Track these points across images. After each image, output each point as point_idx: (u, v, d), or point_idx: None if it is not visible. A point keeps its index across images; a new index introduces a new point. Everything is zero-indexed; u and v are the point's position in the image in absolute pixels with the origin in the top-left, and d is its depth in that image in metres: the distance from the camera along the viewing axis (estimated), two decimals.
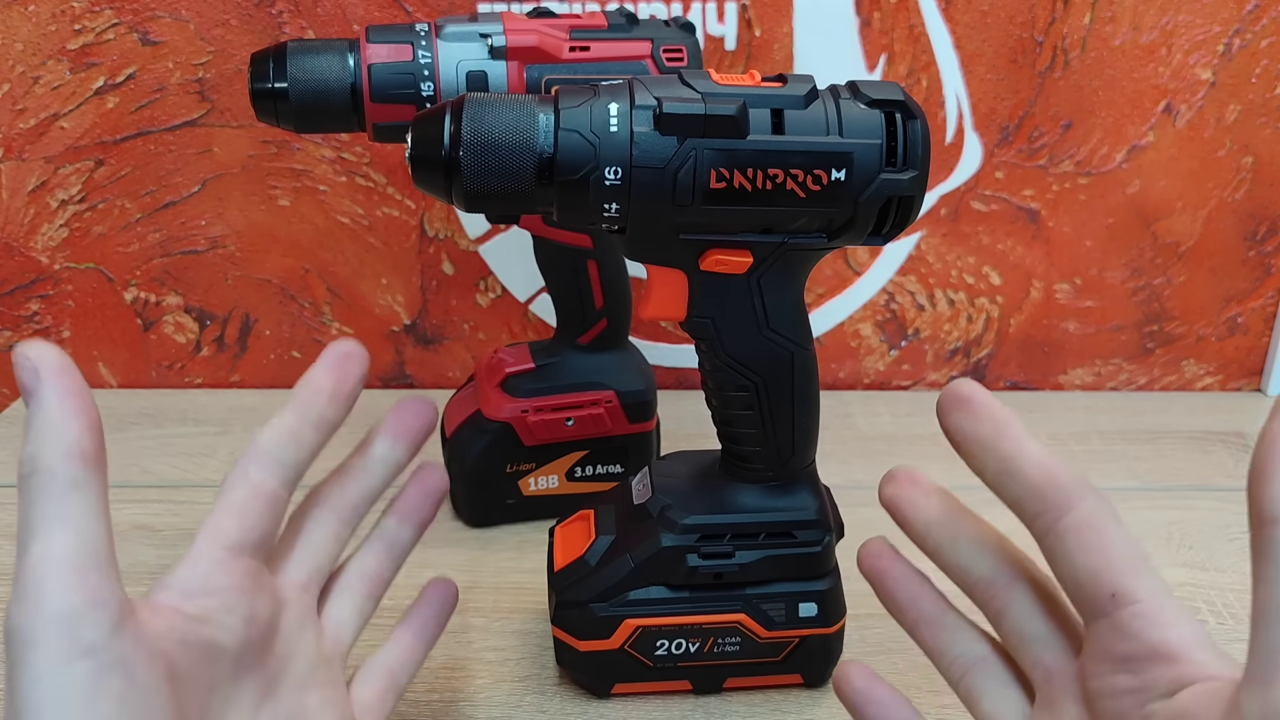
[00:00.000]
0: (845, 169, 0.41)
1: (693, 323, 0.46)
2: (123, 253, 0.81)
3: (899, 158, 0.42)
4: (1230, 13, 0.74)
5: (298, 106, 0.55)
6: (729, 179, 0.41)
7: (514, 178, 0.41)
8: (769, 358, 0.47)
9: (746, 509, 0.49)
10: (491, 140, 0.41)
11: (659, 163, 0.41)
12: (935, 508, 0.38)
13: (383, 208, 0.79)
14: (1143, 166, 0.78)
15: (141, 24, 0.74)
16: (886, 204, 0.42)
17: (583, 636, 0.50)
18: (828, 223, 0.43)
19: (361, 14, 0.74)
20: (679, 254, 0.44)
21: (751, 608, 0.50)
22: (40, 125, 0.77)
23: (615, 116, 0.41)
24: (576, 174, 0.41)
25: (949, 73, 0.76)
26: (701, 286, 0.45)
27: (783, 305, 0.46)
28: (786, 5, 0.74)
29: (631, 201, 0.41)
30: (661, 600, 0.50)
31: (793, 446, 0.49)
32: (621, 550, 0.50)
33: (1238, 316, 0.84)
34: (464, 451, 0.65)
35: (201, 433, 0.78)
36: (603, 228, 0.43)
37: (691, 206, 0.41)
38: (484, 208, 0.43)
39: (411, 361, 0.85)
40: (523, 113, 0.41)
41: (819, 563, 0.50)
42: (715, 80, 0.42)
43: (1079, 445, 0.77)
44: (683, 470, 0.52)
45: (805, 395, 0.48)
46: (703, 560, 0.49)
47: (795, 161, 0.41)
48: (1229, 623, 0.59)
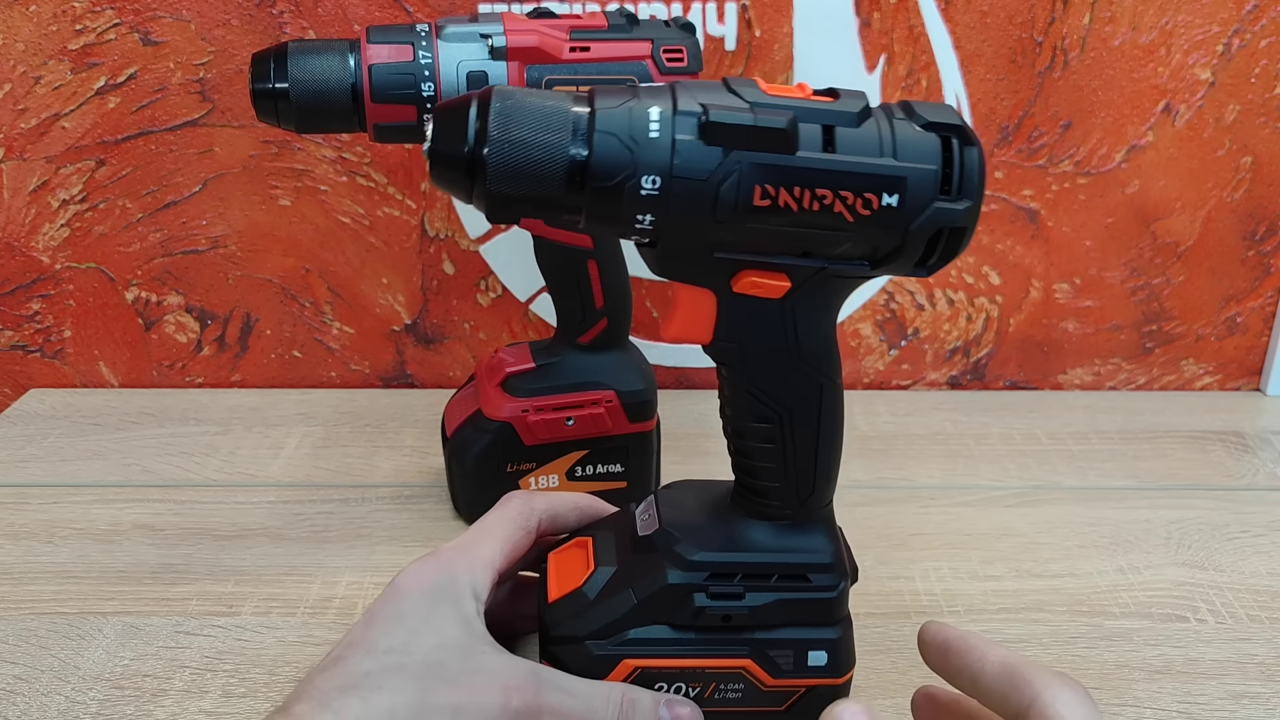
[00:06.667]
0: (898, 194, 0.39)
1: (718, 347, 0.43)
2: (124, 252, 0.81)
3: (954, 186, 0.39)
4: (1229, 13, 0.74)
5: (298, 107, 0.55)
6: (774, 197, 0.38)
7: (542, 181, 0.38)
8: (796, 389, 0.44)
9: (760, 548, 0.46)
10: (520, 139, 0.38)
11: (701, 175, 0.38)
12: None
13: (383, 207, 0.80)
14: (1142, 166, 0.78)
15: (143, 24, 0.74)
16: (936, 234, 0.40)
17: (577, 674, 0.46)
18: (873, 250, 0.40)
19: (362, 14, 0.74)
20: (711, 273, 0.41)
21: (758, 653, 0.46)
22: (41, 125, 0.77)
23: (656, 121, 0.38)
24: (611, 181, 0.38)
25: (948, 73, 0.76)
26: (731, 309, 0.42)
27: (815, 334, 0.43)
28: (786, 5, 0.74)
29: (668, 214, 0.39)
30: (664, 640, 0.46)
31: (813, 484, 0.46)
32: (623, 584, 0.47)
33: (1237, 316, 0.84)
34: (464, 451, 0.65)
35: (203, 432, 0.78)
36: (633, 240, 0.41)
37: (731, 224, 0.39)
38: (507, 213, 0.40)
39: (412, 361, 0.85)
40: (555, 111, 0.38)
41: (832, 609, 0.47)
42: (763, 90, 0.39)
43: (1078, 445, 0.78)
44: (691, 502, 0.49)
45: (830, 430, 0.45)
46: (711, 600, 0.46)
47: (846, 183, 0.38)
48: (1228, 622, 0.59)
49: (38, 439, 0.78)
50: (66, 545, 0.64)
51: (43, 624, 0.58)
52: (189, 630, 0.57)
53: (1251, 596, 0.61)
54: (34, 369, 0.85)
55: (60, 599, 0.60)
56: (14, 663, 0.55)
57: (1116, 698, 0.53)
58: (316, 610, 0.59)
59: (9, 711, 0.52)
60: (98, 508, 0.68)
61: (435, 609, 0.42)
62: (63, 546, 0.64)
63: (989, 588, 0.62)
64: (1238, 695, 0.54)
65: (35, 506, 0.68)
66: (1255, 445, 0.77)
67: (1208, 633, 0.58)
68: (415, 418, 0.79)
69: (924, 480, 0.72)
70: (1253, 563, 0.64)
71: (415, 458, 0.74)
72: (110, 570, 0.62)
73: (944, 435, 0.79)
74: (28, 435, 0.78)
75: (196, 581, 0.62)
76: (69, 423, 0.80)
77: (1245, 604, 0.60)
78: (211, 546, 0.65)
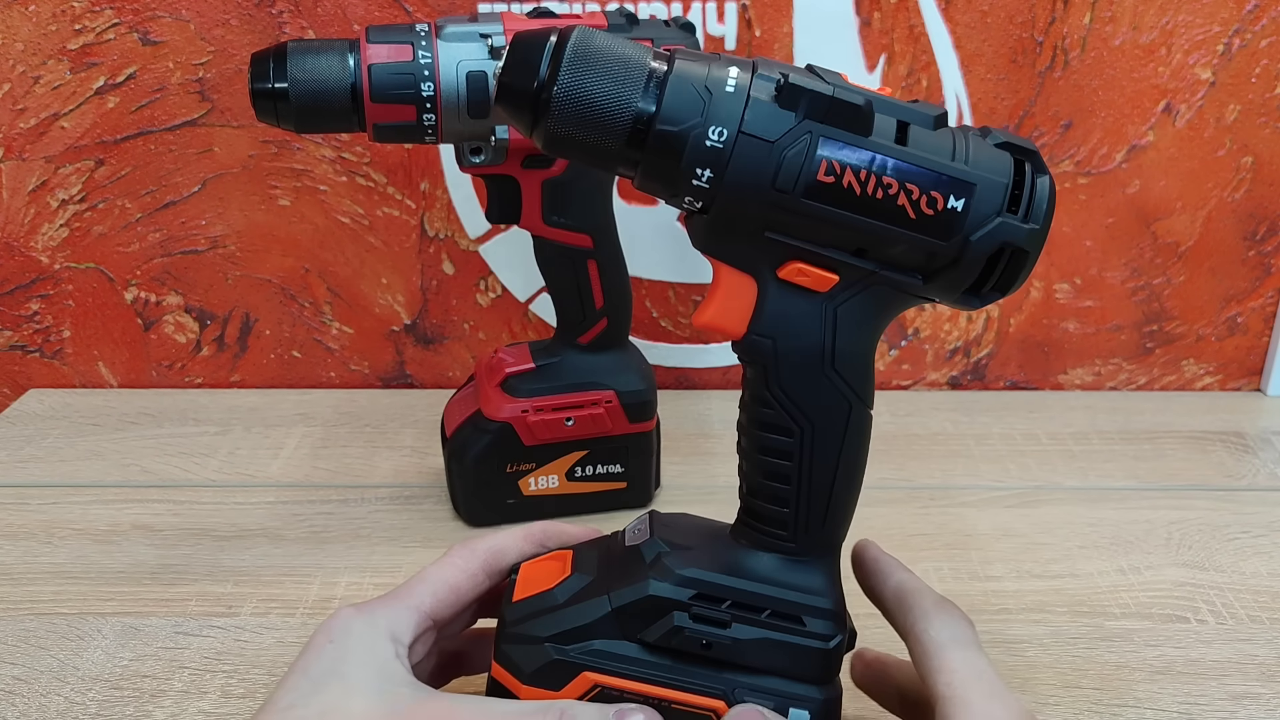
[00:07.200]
0: (965, 199, 0.38)
1: (750, 341, 0.41)
2: (123, 252, 0.81)
3: (1021, 206, 0.38)
4: (1230, 13, 0.74)
5: (298, 106, 0.55)
6: (839, 175, 0.37)
7: (606, 131, 0.38)
8: (823, 403, 0.41)
9: (756, 577, 0.42)
10: (589, 89, 0.37)
11: (770, 135, 0.37)
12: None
13: (383, 207, 0.80)
14: (1142, 166, 0.78)
15: (142, 24, 0.74)
16: (997, 254, 0.39)
17: (528, 680, 0.42)
18: (928, 259, 0.39)
19: (362, 14, 0.74)
20: (758, 255, 0.40)
21: (734, 698, 0.42)
22: (41, 125, 0.77)
23: (734, 79, 0.38)
24: (677, 126, 0.37)
25: (949, 73, 0.76)
26: (773, 299, 0.40)
27: (854, 347, 0.41)
28: (786, 5, 0.74)
29: (727, 172, 0.37)
30: (632, 660, 0.42)
31: (824, 517, 0.43)
32: (600, 590, 0.43)
33: (1237, 316, 0.84)
34: (464, 451, 0.65)
35: (202, 433, 0.78)
36: (684, 203, 0.39)
37: (790, 195, 0.38)
38: (563, 154, 0.39)
39: (412, 361, 0.85)
40: (632, 62, 0.38)
41: (824, 663, 0.42)
42: (844, 79, 0.39)
43: (1079, 445, 0.78)
44: (688, 525, 0.46)
45: (851, 462, 0.42)
46: (692, 622, 0.42)
47: (914, 177, 0.38)
48: (1229, 623, 0.59)
49: (36, 439, 0.77)
50: (65, 546, 0.64)
51: (41, 624, 0.58)
52: (188, 631, 0.57)
53: (1252, 597, 0.61)
54: (33, 369, 0.85)
55: (59, 599, 0.60)
56: (13, 663, 0.55)
57: (1117, 698, 0.53)
58: (316, 611, 0.59)
59: (8, 712, 0.51)
60: (97, 508, 0.68)
61: (343, 659, 0.40)
62: (62, 547, 0.64)
63: (989, 588, 0.61)
64: (1238, 696, 0.53)
65: (34, 507, 0.68)
66: (1256, 446, 0.77)
67: (1208, 633, 0.58)
68: (415, 418, 0.79)
69: (924, 480, 0.72)
70: (1253, 563, 0.64)
71: (415, 458, 0.74)
72: (109, 571, 0.62)
73: (944, 435, 0.79)
74: (26, 436, 0.78)
75: (195, 582, 0.61)
76: (68, 423, 0.80)
77: (1246, 604, 0.60)
78: (211, 547, 0.65)
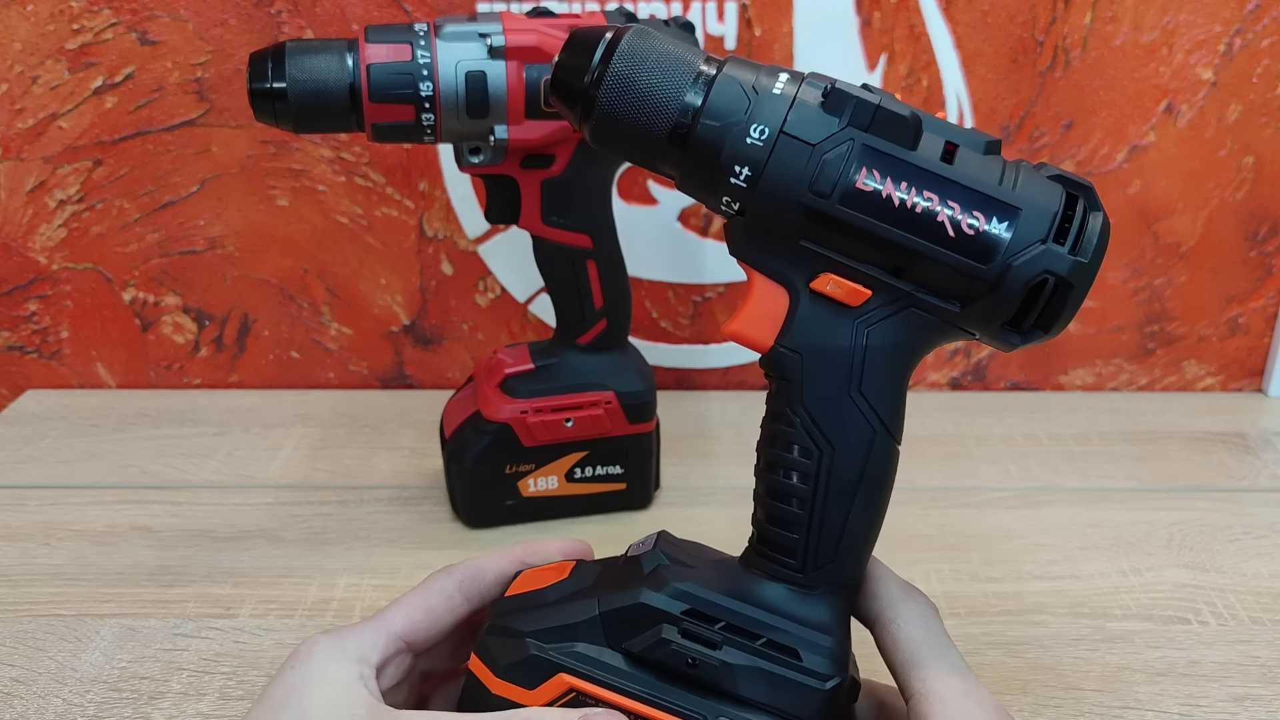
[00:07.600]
0: (1008, 222, 0.37)
1: (777, 353, 0.40)
2: (121, 253, 0.81)
3: (1070, 239, 0.37)
4: (1231, 12, 0.74)
5: (296, 106, 0.55)
6: (879, 183, 0.37)
7: (647, 135, 0.39)
8: (846, 426, 0.40)
9: (756, 601, 0.41)
10: (635, 93, 0.38)
11: (811, 138, 0.37)
12: None
13: (381, 208, 0.79)
14: (1144, 166, 0.78)
15: (140, 24, 0.74)
16: (1040, 285, 0.37)
17: (502, 674, 0.41)
18: (966, 283, 0.38)
19: (360, 14, 0.74)
20: (792, 263, 0.39)
21: None
22: (39, 125, 0.77)
23: (782, 83, 0.38)
24: (720, 121, 0.38)
25: (949, 72, 0.76)
26: (803, 311, 0.40)
27: (883, 371, 0.40)
28: (786, 5, 0.74)
29: (766, 171, 0.37)
30: (613, 669, 0.41)
31: (836, 549, 0.41)
32: (591, 594, 0.42)
33: (1239, 317, 0.83)
34: (463, 452, 0.65)
35: (200, 433, 0.78)
36: (721, 204, 0.39)
37: (828, 200, 0.37)
38: (608, 150, 0.41)
39: (411, 362, 0.84)
40: (681, 65, 0.39)
41: (818, 707, 0.40)
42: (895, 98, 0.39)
43: (1080, 446, 0.77)
44: (694, 547, 0.45)
45: (870, 495, 0.41)
46: (680, 638, 0.40)
47: (957, 195, 0.37)
48: (1230, 624, 0.59)
49: (35, 440, 0.77)
50: (64, 547, 0.64)
51: (40, 626, 0.57)
52: (186, 632, 0.57)
53: (1254, 598, 0.61)
54: (31, 370, 0.85)
55: (57, 601, 0.60)
56: (11, 665, 0.55)
57: (1118, 700, 0.53)
58: (314, 612, 0.59)
59: (6, 714, 0.51)
60: (95, 509, 0.68)
61: (303, 684, 0.40)
62: (60, 548, 0.64)
63: (990, 590, 0.61)
64: (1240, 697, 0.53)
65: (32, 508, 0.68)
66: (1257, 446, 0.77)
67: (1210, 635, 0.58)
68: (414, 419, 0.79)
69: (925, 482, 0.72)
70: (1255, 564, 0.64)
71: (414, 459, 0.74)
72: (108, 572, 0.62)
73: (945, 436, 0.78)
74: (25, 436, 0.78)
75: (194, 583, 0.61)
76: (66, 424, 0.80)
77: (1247, 606, 0.60)
78: (209, 548, 0.65)
